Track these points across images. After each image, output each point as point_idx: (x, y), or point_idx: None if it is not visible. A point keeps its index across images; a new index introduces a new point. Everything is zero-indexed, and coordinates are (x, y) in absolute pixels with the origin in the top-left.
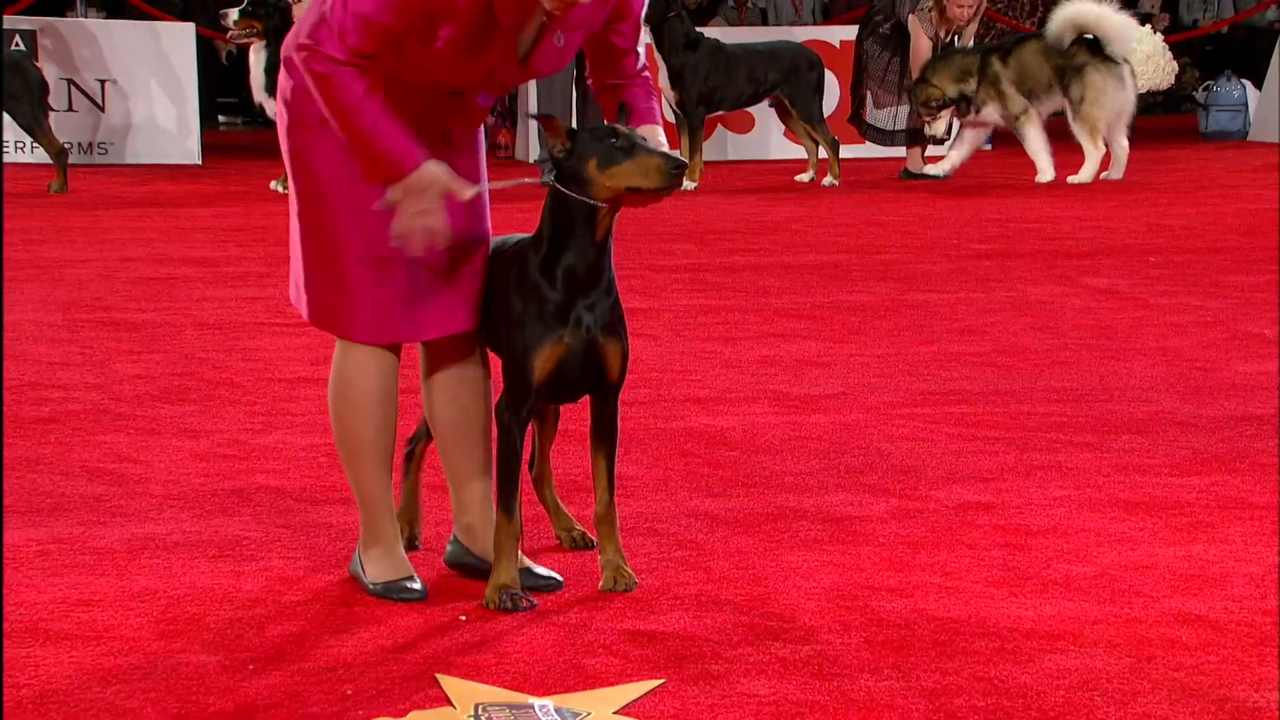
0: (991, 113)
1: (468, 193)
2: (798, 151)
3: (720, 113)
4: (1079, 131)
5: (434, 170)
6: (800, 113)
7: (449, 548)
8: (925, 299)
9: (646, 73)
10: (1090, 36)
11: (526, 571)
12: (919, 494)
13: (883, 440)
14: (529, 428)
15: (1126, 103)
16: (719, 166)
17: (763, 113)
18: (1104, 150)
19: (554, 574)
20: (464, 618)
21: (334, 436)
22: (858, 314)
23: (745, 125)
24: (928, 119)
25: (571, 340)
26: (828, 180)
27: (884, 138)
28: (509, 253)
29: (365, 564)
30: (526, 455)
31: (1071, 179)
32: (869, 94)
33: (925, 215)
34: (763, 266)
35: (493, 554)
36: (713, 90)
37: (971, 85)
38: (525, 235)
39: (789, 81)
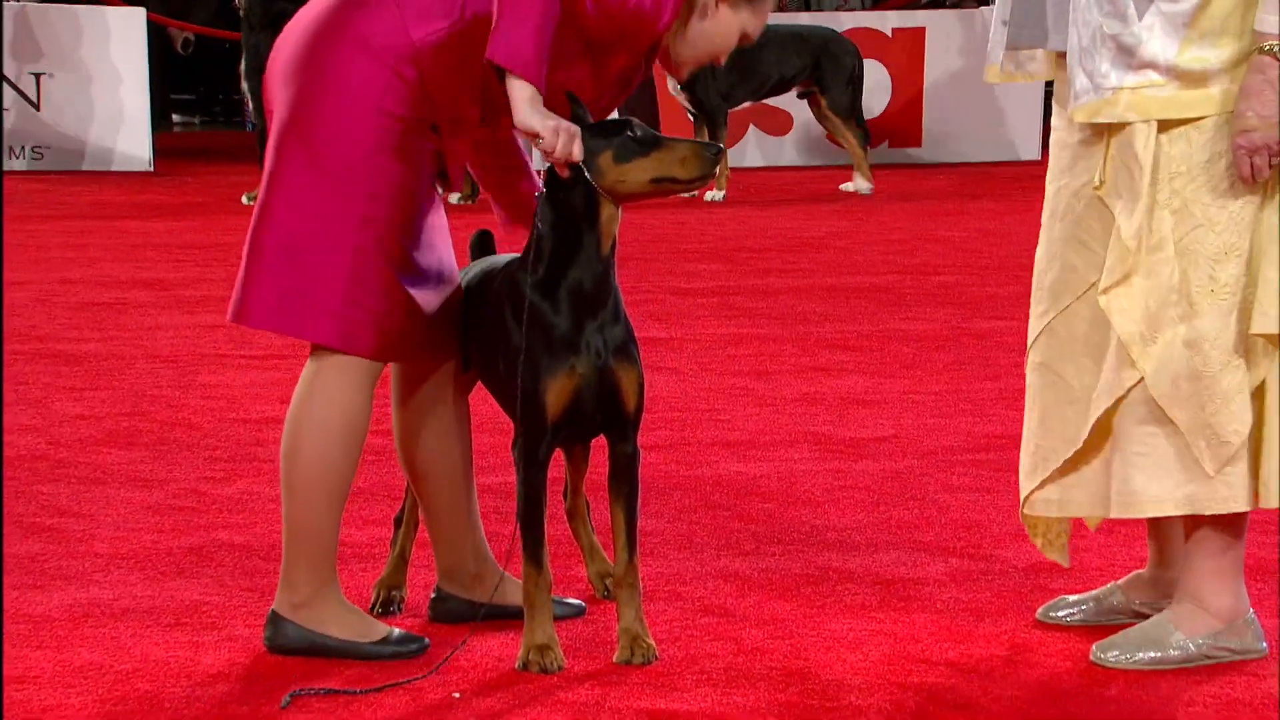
0: None
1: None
2: (843, 157)
3: (745, 105)
4: None
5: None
6: (830, 103)
7: (437, 608)
8: (990, 327)
9: None
10: None
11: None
12: (983, 553)
13: (941, 491)
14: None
15: None
16: (751, 174)
17: (803, 113)
18: None
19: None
20: (457, 694)
21: (287, 469)
22: (912, 345)
23: (782, 126)
24: None
25: (584, 369)
26: (852, 185)
27: None
28: (500, 277)
29: (318, 625)
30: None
31: None
32: None
33: (990, 230)
34: (802, 289)
35: (524, 610)
36: (732, 86)
37: None
38: (514, 256)
39: (820, 68)
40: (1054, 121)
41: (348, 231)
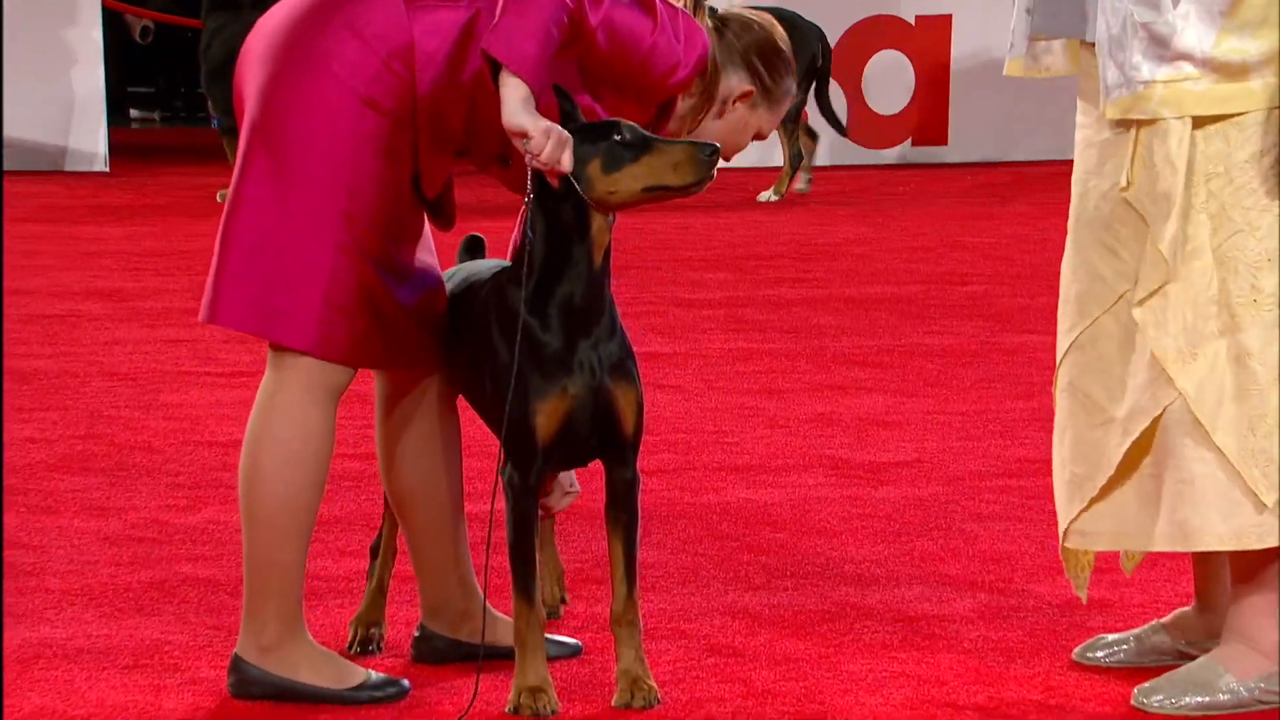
0: None
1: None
2: (862, 156)
3: None
4: None
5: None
6: None
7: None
8: (1022, 342)
9: None
10: None
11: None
12: (1014, 588)
13: (968, 520)
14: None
15: None
16: (762, 174)
17: (814, 110)
18: None
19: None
20: None
21: (247, 496)
22: (936, 361)
23: None
24: None
25: (577, 390)
26: (764, 195)
27: None
28: (486, 288)
29: (289, 670)
30: None
31: None
32: None
33: (1022, 236)
34: (817, 300)
35: (515, 648)
36: None
37: None
38: (500, 262)
39: None
40: (1079, 119)
41: (327, 228)
